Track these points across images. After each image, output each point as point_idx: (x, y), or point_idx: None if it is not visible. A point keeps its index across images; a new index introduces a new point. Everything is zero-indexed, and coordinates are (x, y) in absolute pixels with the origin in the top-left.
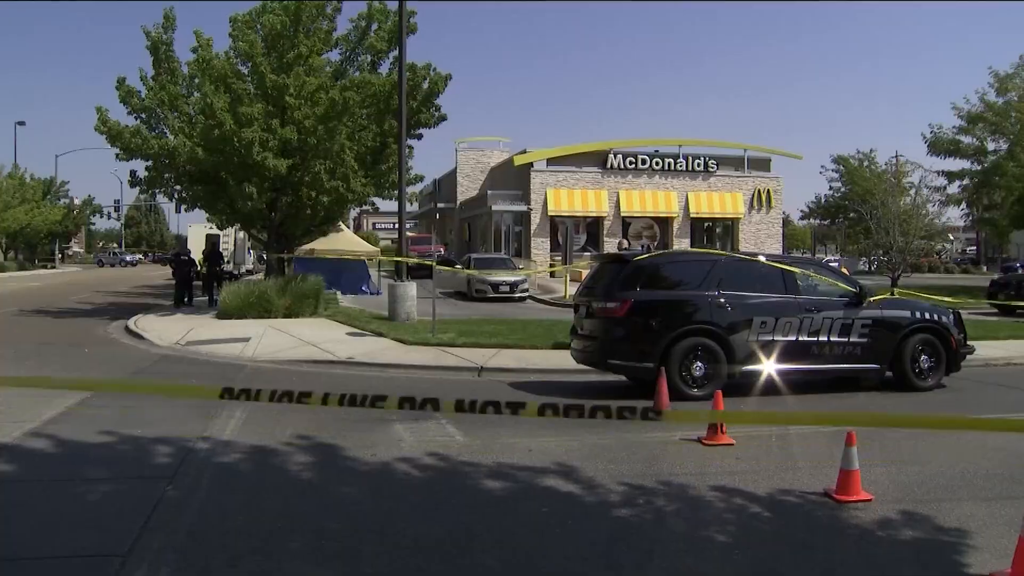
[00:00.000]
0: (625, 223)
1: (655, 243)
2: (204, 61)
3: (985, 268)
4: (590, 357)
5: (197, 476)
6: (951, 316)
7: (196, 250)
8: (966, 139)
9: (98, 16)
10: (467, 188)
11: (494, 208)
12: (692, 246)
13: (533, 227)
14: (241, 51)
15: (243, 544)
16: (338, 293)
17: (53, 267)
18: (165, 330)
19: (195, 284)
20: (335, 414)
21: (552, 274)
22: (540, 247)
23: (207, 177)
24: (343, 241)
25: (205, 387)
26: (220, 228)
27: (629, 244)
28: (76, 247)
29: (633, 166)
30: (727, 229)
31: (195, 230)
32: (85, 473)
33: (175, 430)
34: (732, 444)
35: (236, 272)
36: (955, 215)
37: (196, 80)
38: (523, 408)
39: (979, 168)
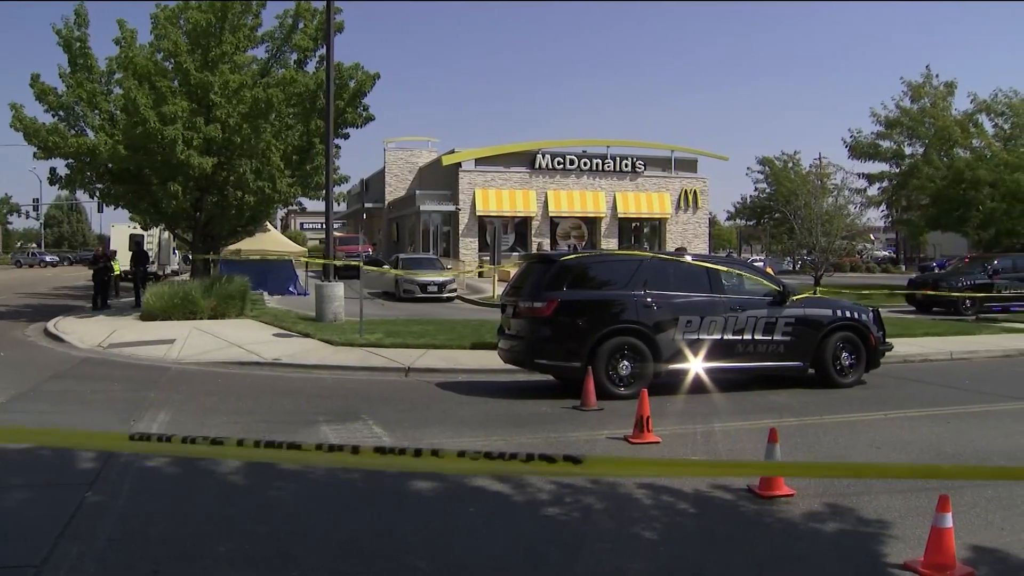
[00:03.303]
0: (553, 223)
1: (583, 243)
2: (127, 58)
3: (904, 268)
4: (517, 357)
5: (119, 481)
6: (871, 314)
7: (121, 251)
8: (885, 143)
9: (14, 11)
10: (395, 188)
11: (422, 208)
12: (620, 246)
13: (461, 227)
14: (164, 48)
15: (166, 550)
16: (265, 294)
17: None
18: (86, 332)
19: (116, 286)
20: (261, 415)
21: (480, 274)
22: (468, 247)
23: (130, 176)
24: (270, 241)
25: (109, 433)
26: (144, 228)
27: (556, 245)
28: None
29: (561, 166)
30: (655, 229)
31: (118, 230)
32: None
33: None
34: (659, 442)
35: (161, 273)
36: (875, 216)
37: (116, 76)
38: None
39: (897, 171)
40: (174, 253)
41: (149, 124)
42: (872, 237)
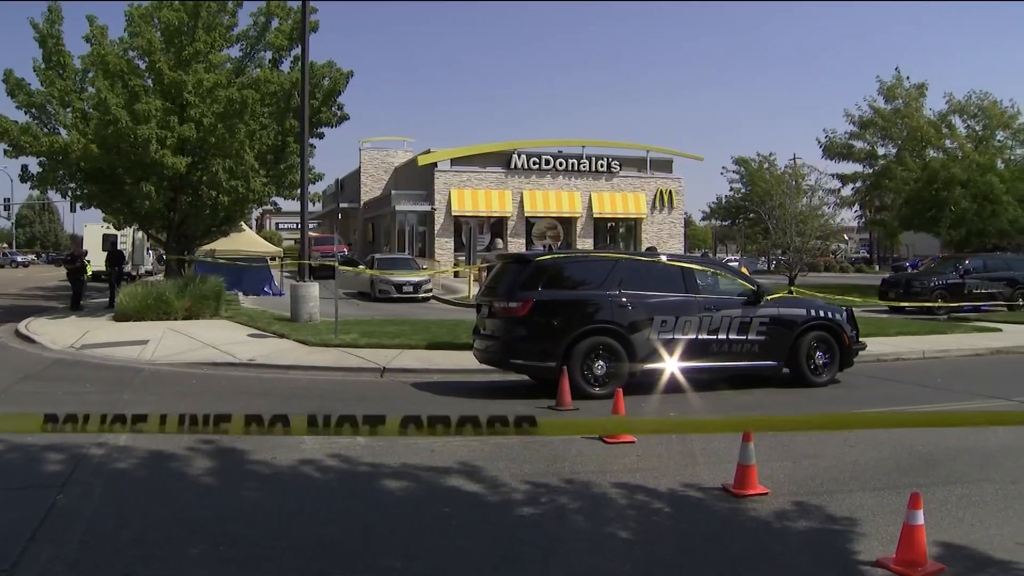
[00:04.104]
0: (529, 223)
1: (559, 243)
2: (99, 56)
3: (878, 267)
4: (492, 357)
5: (90, 483)
6: (844, 314)
7: (93, 251)
8: (858, 144)
9: None
10: (371, 188)
11: (398, 208)
12: (595, 246)
13: (437, 227)
14: (138, 46)
15: (139, 552)
16: (240, 294)
17: None
18: (59, 333)
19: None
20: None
21: (456, 274)
22: (444, 247)
23: (103, 175)
24: (245, 241)
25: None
26: (118, 228)
27: (532, 245)
28: None
29: (537, 166)
30: (630, 229)
31: (91, 230)
32: None
33: (66, 436)
34: (633, 442)
35: (135, 273)
36: (849, 216)
37: (90, 74)
38: (382, 424)
39: (871, 171)
40: (148, 253)
41: (121, 123)
42: (846, 237)
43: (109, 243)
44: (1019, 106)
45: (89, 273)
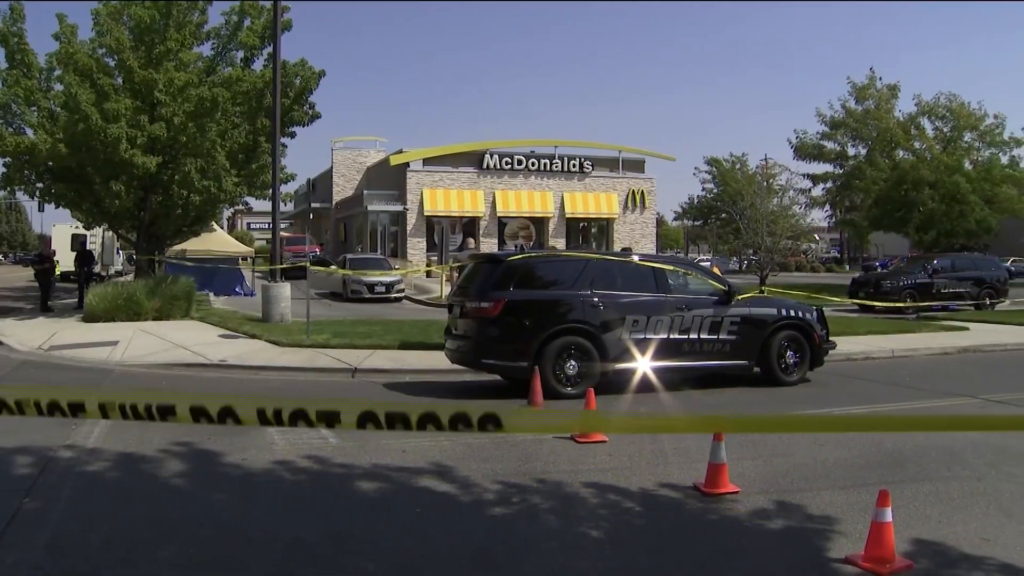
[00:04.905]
0: (501, 223)
1: (531, 243)
2: (67, 54)
3: (848, 267)
4: (464, 357)
5: (58, 487)
6: (815, 313)
7: (62, 251)
8: (829, 144)
9: None
10: (343, 188)
11: (370, 208)
12: (567, 246)
13: (409, 227)
14: (107, 44)
15: (108, 556)
16: (211, 295)
17: None
18: (27, 334)
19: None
20: None
21: (428, 274)
22: (416, 247)
23: (71, 174)
24: (216, 241)
25: None
26: (87, 228)
27: (504, 245)
28: None
29: (509, 166)
30: (602, 229)
31: (60, 230)
32: None
33: (34, 438)
34: (605, 441)
35: (105, 274)
36: (820, 216)
37: (56, 73)
38: (338, 420)
39: (841, 172)
40: (118, 253)
41: (91, 121)
42: (816, 237)
43: (78, 243)
44: (986, 108)
45: (58, 273)
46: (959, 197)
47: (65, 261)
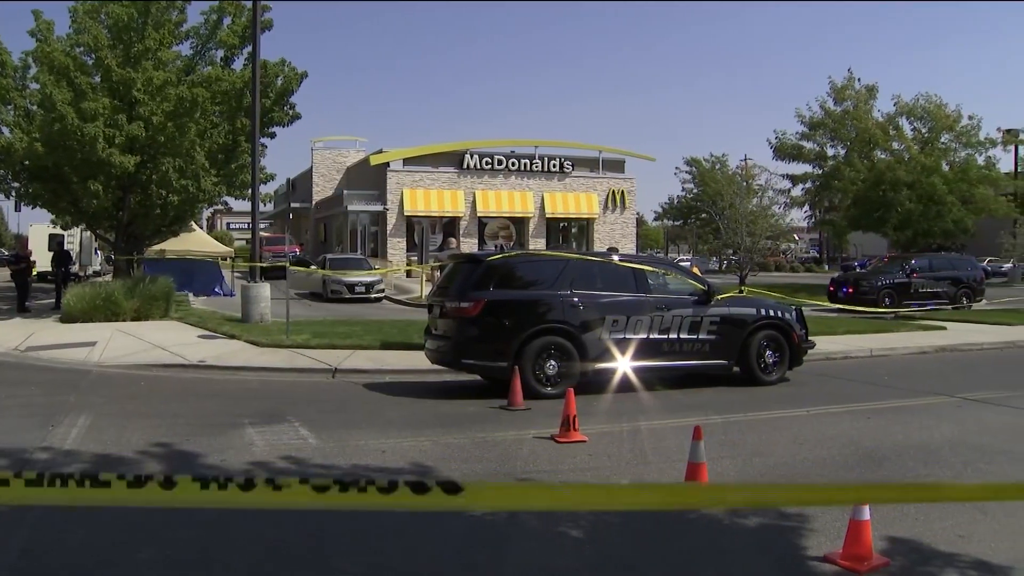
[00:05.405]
0: (481, 223)
1: (511, 243)
2: (43, 52)
3: (827, 267)
4: (444, 357)
5: None
6: (794, 313)
7: (39, 251)
8: (808, 144)
9: None
10: (323, 188)
11: (350, 208)
12: (548, 246)
13: (389, 227)
14: (84, 43)
15: (86, 558)
16: (190, 295)
17: None
18: (3, 335)
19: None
20: (185, 418)
21: (408, 274)
22: (396, 247)
23: (48, 174)
24: (195, 241)
25: None
26: (64, 228)
27: (484, 245)
28: None
29: (489, 166)
30: (583, 229)
31: (37, 230)
32: None
33: (9, 441)
34: (585, 441)
35: (83, 274)
36: (799, 216)
37: (32, 71)
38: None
39: (820, 172)
40: (96, 254)
41: (67, 121)
42: (796, 237)
43: (56, 243)
44: (963, 109)
45: (35, 274)
46: (936, 198)
47: (42, 261)
